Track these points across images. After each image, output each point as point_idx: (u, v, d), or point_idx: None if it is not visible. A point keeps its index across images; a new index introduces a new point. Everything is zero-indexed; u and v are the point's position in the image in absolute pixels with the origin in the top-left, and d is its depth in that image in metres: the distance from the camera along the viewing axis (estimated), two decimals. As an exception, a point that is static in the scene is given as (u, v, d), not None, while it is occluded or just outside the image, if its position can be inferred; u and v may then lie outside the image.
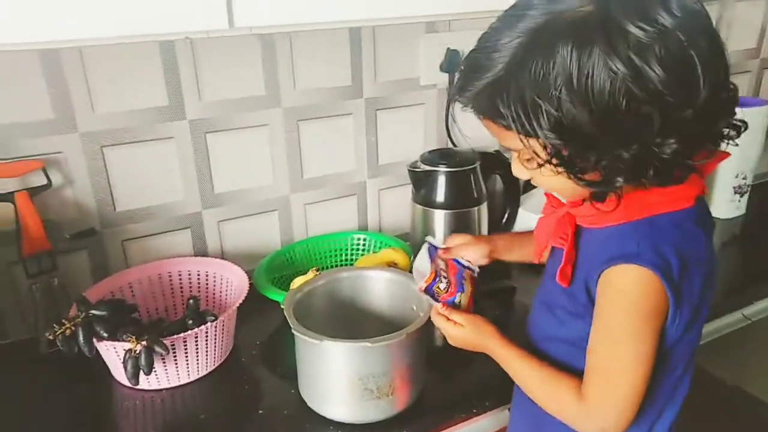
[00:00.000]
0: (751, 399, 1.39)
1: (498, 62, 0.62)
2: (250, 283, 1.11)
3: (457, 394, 0.98)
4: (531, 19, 0.60)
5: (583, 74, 0.57)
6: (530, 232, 0.93)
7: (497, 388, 0.95)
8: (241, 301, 1.04)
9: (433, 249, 0.98)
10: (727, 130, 0.66)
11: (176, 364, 0.98)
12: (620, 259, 0.66)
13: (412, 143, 1.44)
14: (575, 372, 0.73)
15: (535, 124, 0.60)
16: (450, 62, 1.37)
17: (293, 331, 0.87)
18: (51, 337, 0.89)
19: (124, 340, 0.90)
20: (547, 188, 0.75)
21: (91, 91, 1.07)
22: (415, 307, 1.00)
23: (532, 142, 0.63)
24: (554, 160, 0.63)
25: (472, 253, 0.97)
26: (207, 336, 0.99)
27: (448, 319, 0.86)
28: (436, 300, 0.89)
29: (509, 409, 0.95)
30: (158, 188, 1.19)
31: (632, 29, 0.57)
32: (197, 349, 0.99)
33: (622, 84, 0.57)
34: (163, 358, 0.95)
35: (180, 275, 1.18)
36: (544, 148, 0.63)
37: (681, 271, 0.66)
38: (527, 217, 1.40)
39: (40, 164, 1.05)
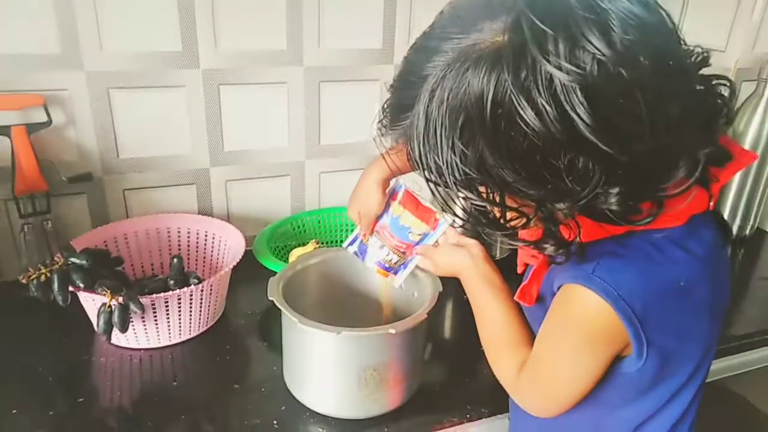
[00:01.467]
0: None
1: (413, 103, 0.51)
2: (248, 250, 1.04)
3: (453, 396, 0.89)
4: (444, 55, 0.49)
5: (496, 123, 0.46)
6: None
7: (498, 396, 0.86)
8: (232, 267, 0.97)
9: (359, 247, 0.93)
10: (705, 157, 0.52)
11: (156, 325, 0.92)
12: (573, 278, 0.58)
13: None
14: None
15: (448, 181, 0.51)
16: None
17: (280, 307, 0.80)
18: (24, 281, 0.84)
19: (98, 293, 0.85)
20: None
21: (101, 29, 1.01)
22: (416, 294, 0.92)
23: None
24: (477, 217, 0.55)
25: (376, 212, 0.90)
26: (191, 299, 0.93)
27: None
28: (408, 263, 0.88)
29: (509, 418, 0.86)
30: (165, 139, 1.13)
31: (550, 68, 0.44)
32: (180, 311, 0.93)
33: (539, 133, 0.46)
34: (142, 317, 0.89)
35: (179, 232, 1.12)
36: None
37: (647, 301, 0.56)
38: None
39: (41, 100, 1.00)
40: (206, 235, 1.12)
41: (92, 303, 0.90)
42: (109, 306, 0.85)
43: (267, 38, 1.12)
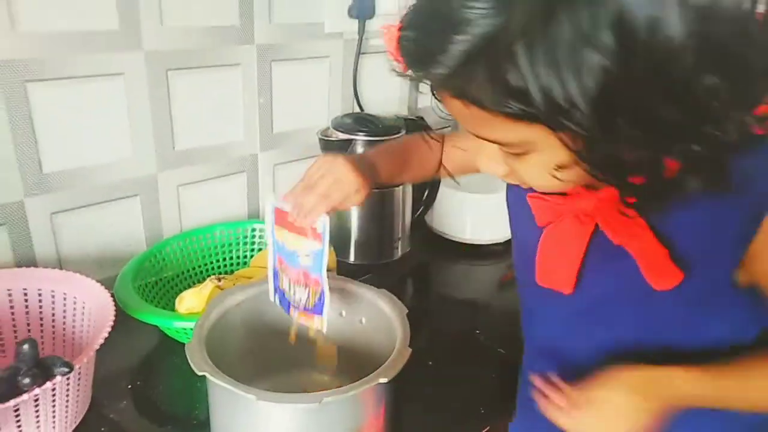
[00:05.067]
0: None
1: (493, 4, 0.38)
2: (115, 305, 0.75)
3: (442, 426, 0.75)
4: None
5: (644, 23, 0.37)
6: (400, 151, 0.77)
7: (473, 414, 0.76)
8: (106, 335, 0.68)
9: (279, 295, 0.72)
10: None
11: (2, 448, 0.61)
12: None
13: (313, 106, 1.15)
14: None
15: (577, 104, 0.38)
16: (361, 6, 1.10)
17: (213, 382, 0.56)
18: None
19: None
20: (538, 185, 0.50)
21: None
22: (364, 320, 0.75)
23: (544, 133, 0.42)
24: (589, 159, 0.42)
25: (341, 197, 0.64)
26: (55, 397, 0.63)
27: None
28: (323, 298, 0.66)
29: None
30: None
31: None
32: (38, 419, 0.63)
33: (692, 37, 0.37)
34: (-22, 448, 0.58)
35: (-7, 298, 0.78)
36: (564, 142, 0.42)
37: None
38: (449, 196, 1.20)
39: None
40: (40, 296, 0.79)
41: None
42: (-77, 445, 0.52)
43: (95, 17, 0.82)
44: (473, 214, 1.19)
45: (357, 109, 1.20)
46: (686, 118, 0.39)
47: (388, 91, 1.26)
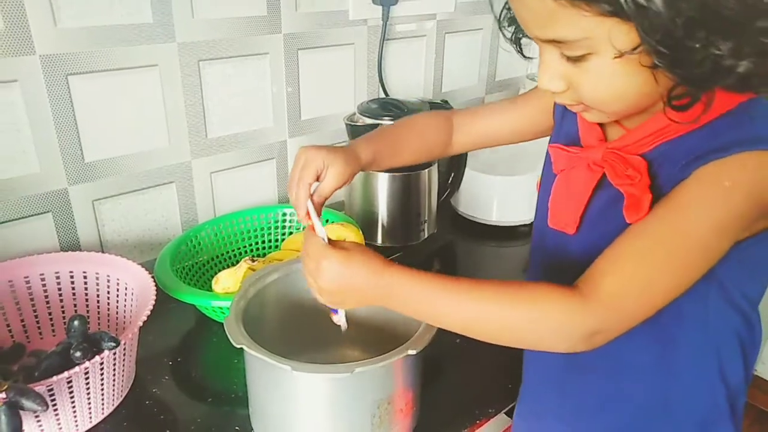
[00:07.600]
0: None
1: None
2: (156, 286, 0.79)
3: (455, 404, 0.77)
4: None
5: None
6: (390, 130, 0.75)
7: (500, 389, 0.78)
8: (148, 313, 0.73)
9: None
10: None
11: (57, 417, 0.66)
12: (736, 147, 0.48)
13: (340, 93, 1.17)
14: None
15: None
16: (385, -8, 1.12)
17: (250, 355, 0.60)
18: None
19: (-33, 398, 0.57)
20: (596, 95, 0.52)
21: None
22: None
23: (614, 24, 0.45)
24: (658, 47, 0.44)
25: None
26: (103, 370, 0.68)
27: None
28: None
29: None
30: (-3, 157, 0.82)
31: None
32: (89, 391, 0.67)
33: None
34: (37, 415, 0.62)
35: (43, 280, 0.82)
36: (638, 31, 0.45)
37: None
38: (474, 179, 1.21)
39: None
40: (85, 278, 0.84)
41: (-50, 413, 0.60)
42: (-12, 412, 0.57)
43: (132, 11, 0.86)
44: (499, 197, 1.21)
45: (382, 95, 1.22)
46: (742, 11, 0.43)
47: (413, 76, 1.28)
